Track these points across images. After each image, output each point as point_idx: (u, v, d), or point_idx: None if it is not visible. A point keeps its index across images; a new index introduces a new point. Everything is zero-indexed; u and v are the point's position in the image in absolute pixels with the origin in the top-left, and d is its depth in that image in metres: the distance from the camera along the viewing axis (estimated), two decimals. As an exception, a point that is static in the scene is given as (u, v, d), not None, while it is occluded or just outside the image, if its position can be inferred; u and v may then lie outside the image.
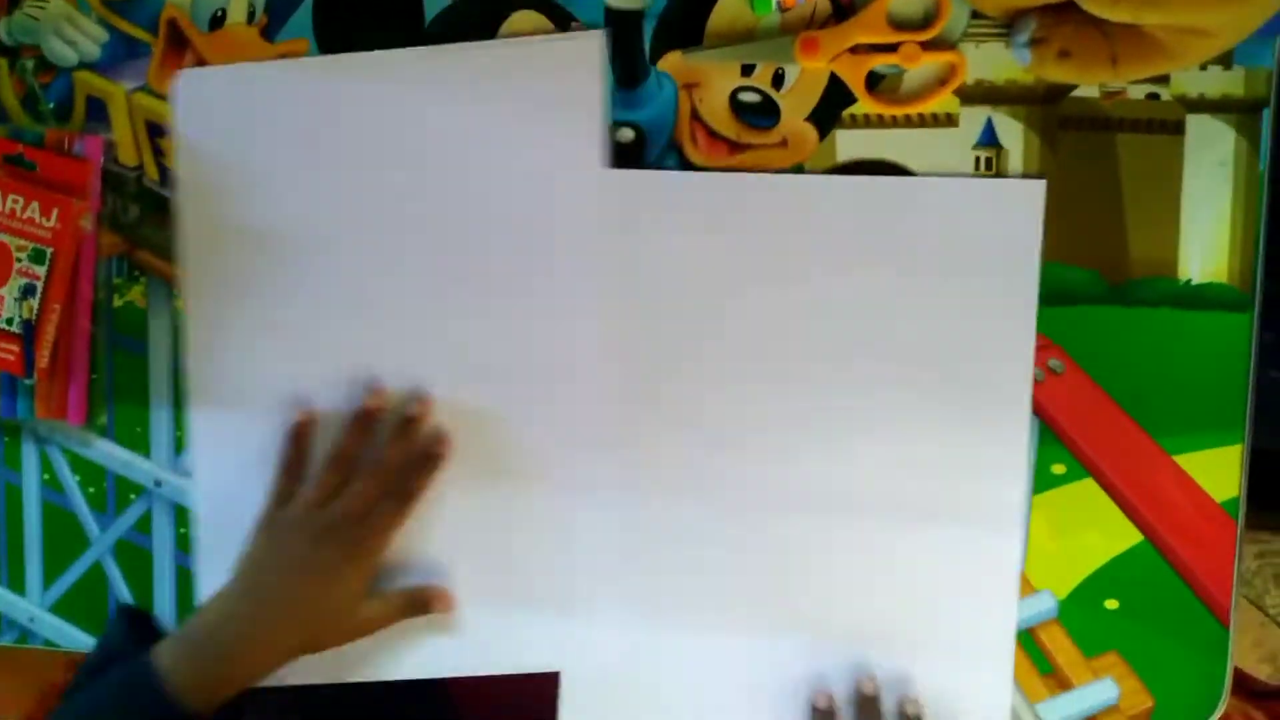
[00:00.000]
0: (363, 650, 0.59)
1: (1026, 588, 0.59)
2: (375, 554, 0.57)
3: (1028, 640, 0.59)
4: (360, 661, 0.60)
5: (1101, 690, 0.59)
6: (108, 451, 0.63)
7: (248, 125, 0.60)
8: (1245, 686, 0.90)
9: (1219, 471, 0.58)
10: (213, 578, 0.58)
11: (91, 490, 0.64)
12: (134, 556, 0.64)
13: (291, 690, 0.68)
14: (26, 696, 0.93)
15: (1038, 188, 0.57)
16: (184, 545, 0.63)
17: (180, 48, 0.61)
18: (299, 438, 0.59)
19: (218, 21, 0.61)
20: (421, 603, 0.59)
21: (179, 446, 0.63)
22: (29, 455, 0.64)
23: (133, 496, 0.63)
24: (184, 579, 0.64)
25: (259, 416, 0.60)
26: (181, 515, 0.63)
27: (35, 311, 0.60)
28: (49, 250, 0.60)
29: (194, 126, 0.60)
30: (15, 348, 0.60)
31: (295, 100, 0.59)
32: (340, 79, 0.59)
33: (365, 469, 0.58)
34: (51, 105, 0.62)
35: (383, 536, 0.57)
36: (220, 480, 0.61)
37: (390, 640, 0.60)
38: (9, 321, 0.60)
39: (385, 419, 0.59)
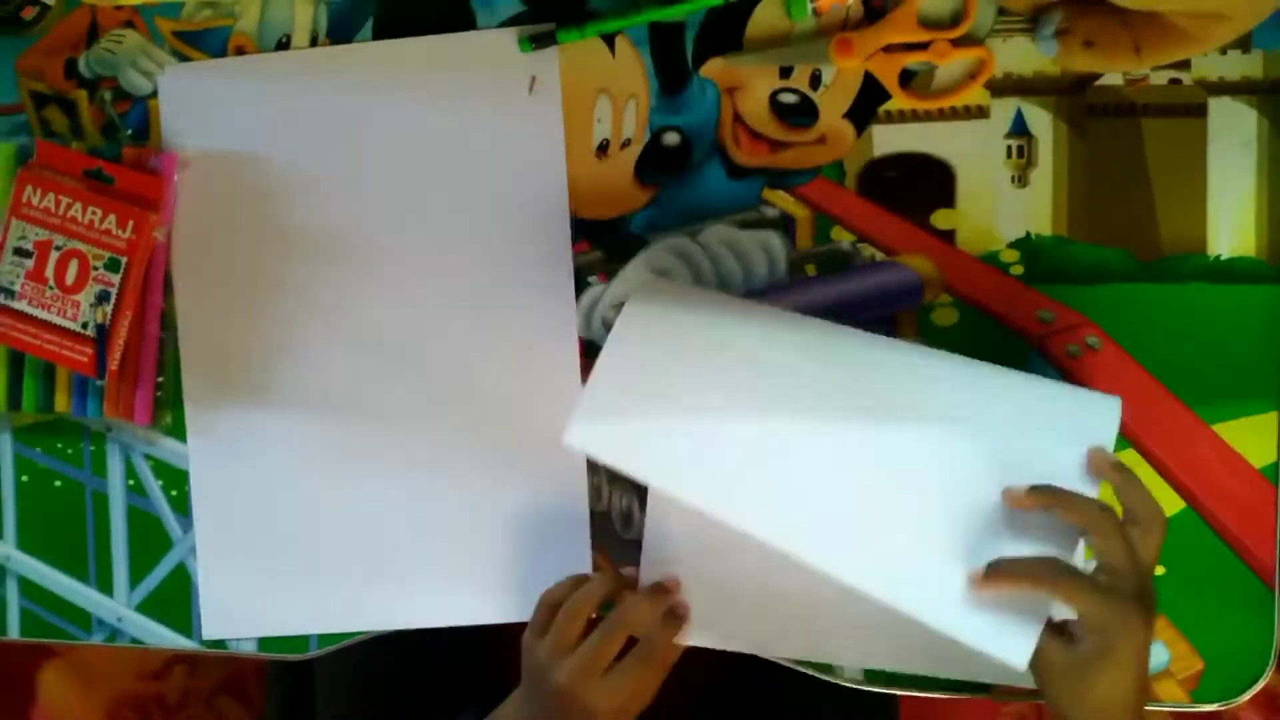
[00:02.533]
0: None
1: (1074, 557, 0.61)
2: (625, 698, 0.57)
3: (1078, 608, 0.61)
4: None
5: (1152, 655, 0.61)
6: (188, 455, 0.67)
7: (230, 117, 0.65)
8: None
9: (1256, 438, 0.60)
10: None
11: (174, 494, 0.67)
12: (213, 557, 0.67)
13: (356, 668, 0.71)
14: (97, 706, 0.97)
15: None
16: (261, 545, 0.67)
17: (250, 73, 0.65)
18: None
19: (283, 46, 0.65)
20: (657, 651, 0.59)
21: (255, 450, 0.66)
22: (114, 462, 0.67)
23: (211, 499, 0.67)
24: (260, 578, 0.67)
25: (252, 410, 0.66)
26: (258, 516, 0.67)
27: (108, 317, 0.64)
28: (123, 259, 0.64)
29: (179, 119, 0.65)
30: (89, 350, 0.64)
31: (274, 93, 0.64)
32: (302, 71, 0.64)
33: (608, 623, 0.58)
34: (129, 132, 0.66)
35: (632, 693, 0.57)
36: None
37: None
38: (84, 325, 0.64)
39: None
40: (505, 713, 0.60)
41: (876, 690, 0.62)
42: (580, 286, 0.64)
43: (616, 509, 0.64)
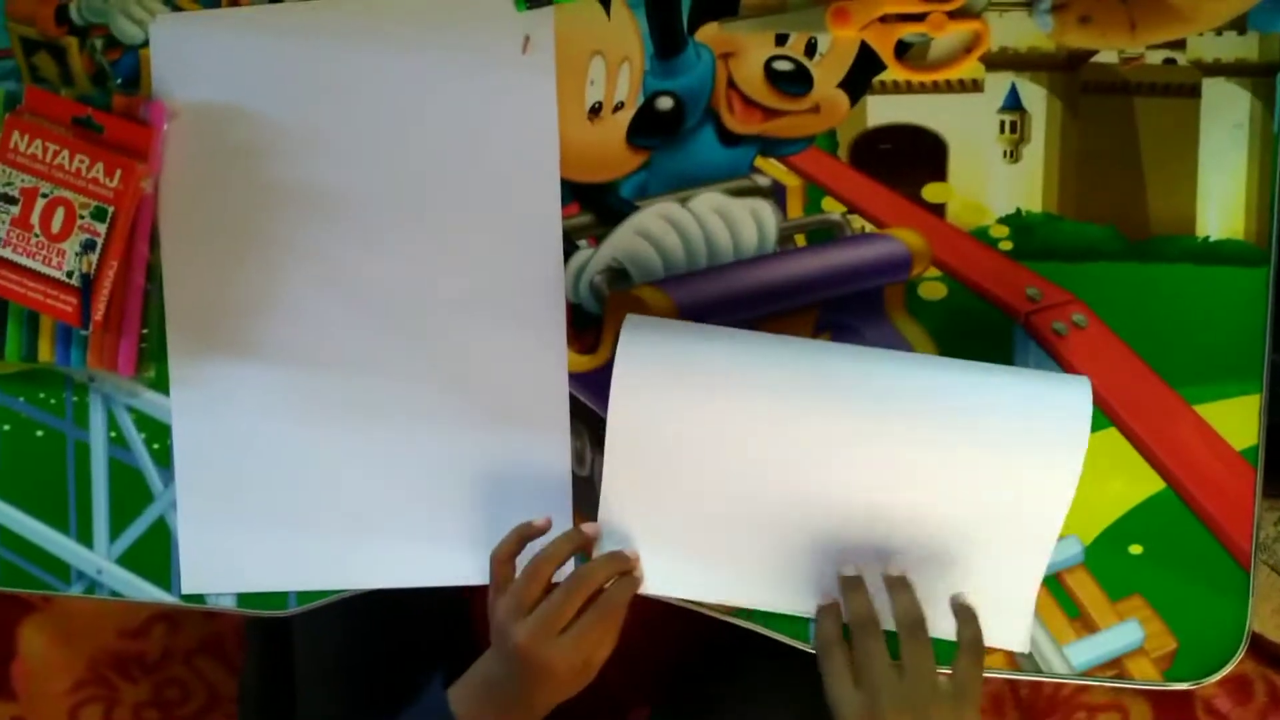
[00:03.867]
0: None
1: (1053, 534, 0.61)
2: (585, 654, 0.58)
3: (1055, 585, 0.62)
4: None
5: (1127, 632, 0.61)
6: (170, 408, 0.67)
7: (221, 68, 0.64)
8: (1268, 653, 0.92)
9: (1237, 420, 0.60)
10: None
11: (156, 447, 0.67)
12: (194, 511, 0.67)
13: (335, 628, 0.72)
14: (77, 662, 0.97)
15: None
16: (242, 500, 0.66)
17: (242, 24, 0.65)
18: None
19: None
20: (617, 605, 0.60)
21: (238, 405, 0.66)
22: (96, 413, 0.67)
23: (194, 454, 0.67)
24: (241, 534, 0.67)
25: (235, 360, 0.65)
26: (240, 471, 0.66)
27: (94, 266, 0.63)
28: (110, 209, 0.63)
29: (170, 68, 0.65)
30: (74, 300, 0.63)
31: (265, 45, 0.64)
32: (294, 25, 0.64)
33: (569, 584, 0.58)
34: (119, 81, 0.66)
35: (591, 648, 0.58)
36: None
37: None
38: (69, 275, 0.63)
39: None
40: (476, 672, 0.60)
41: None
42: (569, 250, 0.64)
43: (598, 474, 0.64)
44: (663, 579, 0.62)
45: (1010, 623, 0.61)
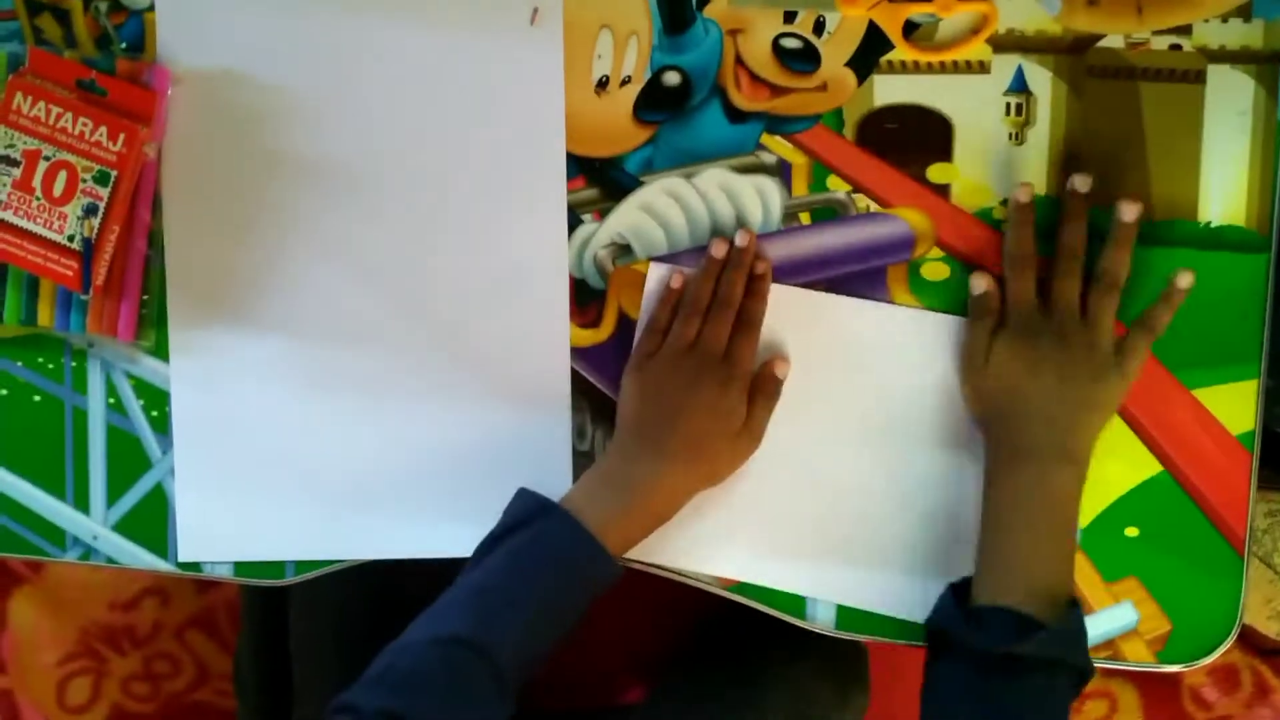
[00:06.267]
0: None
1: (1050, 515, 0.62)
2: (744, 378, 0.61)
3: (1050, 565, 0.62)
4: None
5: (1121, 614, 0.62)
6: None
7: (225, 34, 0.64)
8: (1255, 644, 0.93)
9: (1235, 405, 0.61)
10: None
11: (154, 414, 0.66)
12: (192, 480, 0.67)
13: (331, 602, 0.72)
14: (67, 634, 0.97)
15: None
16: (240, 470, 0.66)
17: (250, -10, 0.64)
18: (670, 301, 0.63)
19: (285, -33, 0.64)
20: (771, 381, 0.62)
21: (238, 373, 0.66)
22: (95, 379, 0.67)
23: (192, 422, 0.66)
24: (238, 503, 0.66)
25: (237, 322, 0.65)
26: (239, 440, 0.66)
27: (95, 231, 0.63)
28: (113, 173, 0.63)
29: (175, 34, 0.64)
30: (74, 264, 0.63)
31: (271, 12, 0.63)
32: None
33: (713, 311, 0.61)
34: (124, 45, 0.65)
35: (746, 362, 0.61)
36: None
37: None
38: (70, 238, 0.63)
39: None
40: (590, 477, 0.60)
41: (847, 639, 0.63)
42: (573, 224, 0.64)
43: (599, 448, 0.64)
44: (658, 549, 0.62)
45: None
